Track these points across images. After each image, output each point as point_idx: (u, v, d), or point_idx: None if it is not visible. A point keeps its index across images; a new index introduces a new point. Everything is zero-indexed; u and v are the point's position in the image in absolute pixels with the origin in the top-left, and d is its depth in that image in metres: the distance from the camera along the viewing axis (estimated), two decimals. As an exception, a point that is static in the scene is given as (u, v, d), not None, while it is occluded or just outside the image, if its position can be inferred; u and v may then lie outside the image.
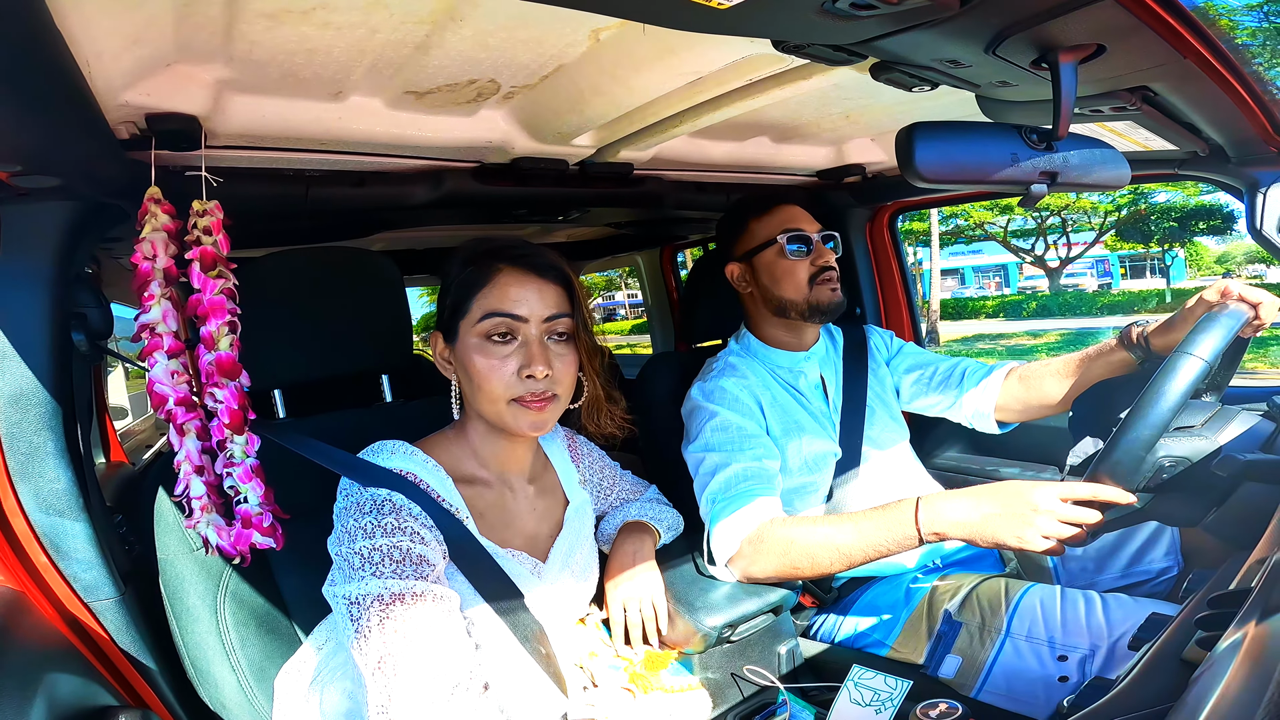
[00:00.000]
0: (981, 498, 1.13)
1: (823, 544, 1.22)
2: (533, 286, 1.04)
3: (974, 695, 1.24)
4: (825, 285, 1.54)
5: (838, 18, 0.66)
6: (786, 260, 1.53)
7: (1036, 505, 1.07)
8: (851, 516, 1.23)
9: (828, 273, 1.54)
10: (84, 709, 0.86)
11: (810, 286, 1.54)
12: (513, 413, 1.04)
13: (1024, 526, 1.07)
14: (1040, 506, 1.06)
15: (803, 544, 1.23)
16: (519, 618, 1.03)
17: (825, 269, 1.54)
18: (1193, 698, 0.61)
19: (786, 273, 1.54)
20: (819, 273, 1.53)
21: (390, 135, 1.17)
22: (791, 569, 1.25)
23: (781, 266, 1.55)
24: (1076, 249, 23.88)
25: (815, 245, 1.54)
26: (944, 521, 1.14)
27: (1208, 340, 1.02)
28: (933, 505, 1.15)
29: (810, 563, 1.23)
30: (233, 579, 1.11)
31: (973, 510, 1.12)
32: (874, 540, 1.18)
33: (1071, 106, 0.78)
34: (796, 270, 1.54)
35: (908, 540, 1.16)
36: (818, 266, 1.53)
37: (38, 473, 0.99)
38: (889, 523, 1.18)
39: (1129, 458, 1.01)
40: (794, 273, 1.54)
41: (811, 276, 1.53)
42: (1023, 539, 1.07)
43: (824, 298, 1.54)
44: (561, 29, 0.91)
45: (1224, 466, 1.04)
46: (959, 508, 1.14)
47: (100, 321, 1.06)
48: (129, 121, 0.96)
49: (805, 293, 1.54)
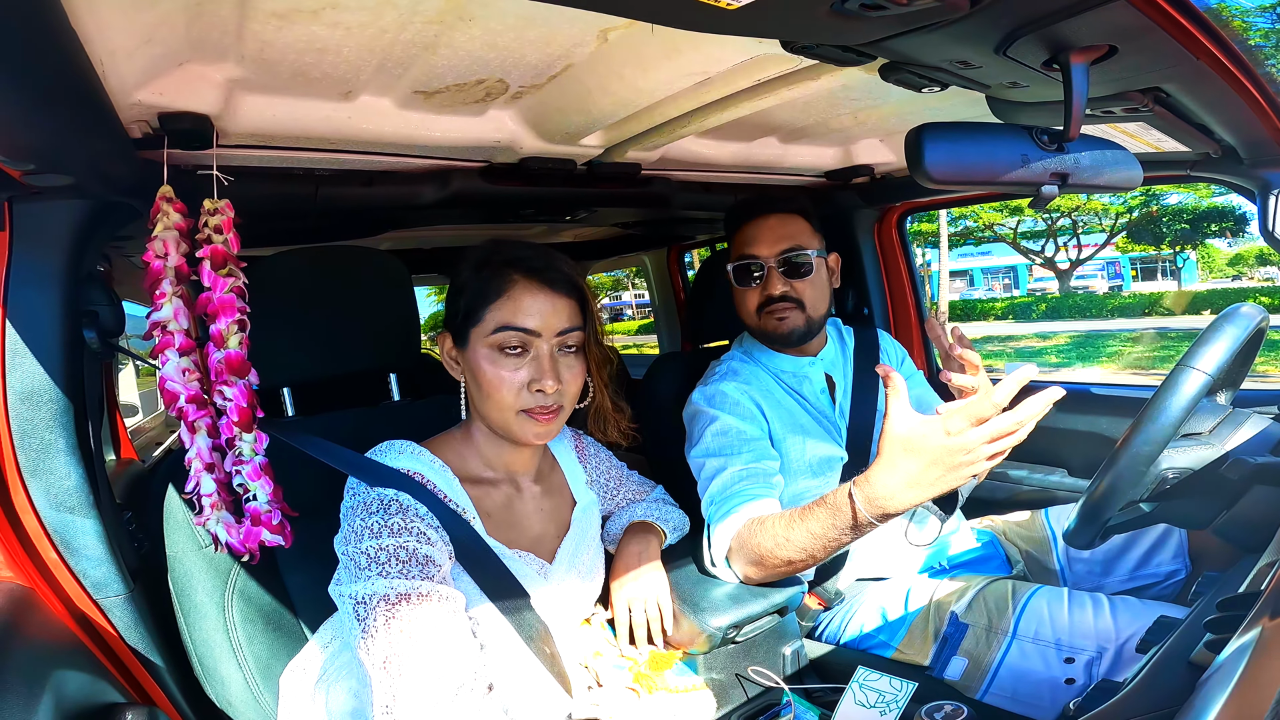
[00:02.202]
0: (902, 462, 1.03)
1: (783, 543, 1.18)
2: (546, 300, 1.04)
3: (979, 697, 1.24)
4: (770, 317, 1.52)
5: (847, 18, 0.66)
6: (737, 287, 1.54)
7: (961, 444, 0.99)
8: (800, 513, 1.18)
9: (775, 305, 1.50)
10: (91, 705, 0.86)
11: (759, 315, 1.53)
12: (520, 423, 1.04)
13: (964, 466, 1.00)
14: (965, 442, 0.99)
15: (769, 545, 1.20)
16: (524, 618, 1.04)
17: (771, 300, 1.50)
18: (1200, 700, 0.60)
19: (739, 299, 1.56)
20: (766, 303, 1.51)
21: (399, 135, 1.18)
22: (770, 569, 1.22)
23: (735, 291, 1.56)
24: (1087, 251, 23.75)
25: (767, 273, 1.50)
26: (881, 501, 1.05)
27: (1210, 353, 1.01)
28: (867, 486, 1.07)
29: (783, 562, 1.20)
30: (240, 576, 1.11)
31: (903, 479, 1.03)
32: (824, 534, 1.13)
33: (1083, 107, 0.77)
34: (746, 299, 1.54)
35: (861, 527, 1.09)
36: (764, 297, 1.51)
37: (48, 469, 0.99)
38: (834, 515, 1.12)
39: (1131, 472, 1.01)
40: (744, 300, 1.55)
41: (759, 306, 1.52)
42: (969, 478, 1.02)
43: (769, 327, 1.53)
44: (570, 29, 0.91)
45: (1234, 470, 1.03)
46: (889, 482, 1.04)
47: (111, 319, 1.07)
48: (141, 120, 0.96)
49: (755, 321, 1.54)
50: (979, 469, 1.01)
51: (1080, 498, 1.06)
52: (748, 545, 1.23)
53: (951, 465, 1.00)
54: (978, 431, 0.98)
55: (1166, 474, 1.06)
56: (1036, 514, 1.67)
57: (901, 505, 1.05)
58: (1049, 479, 1.91)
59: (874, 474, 1.06)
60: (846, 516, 1.09)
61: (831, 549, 1.15)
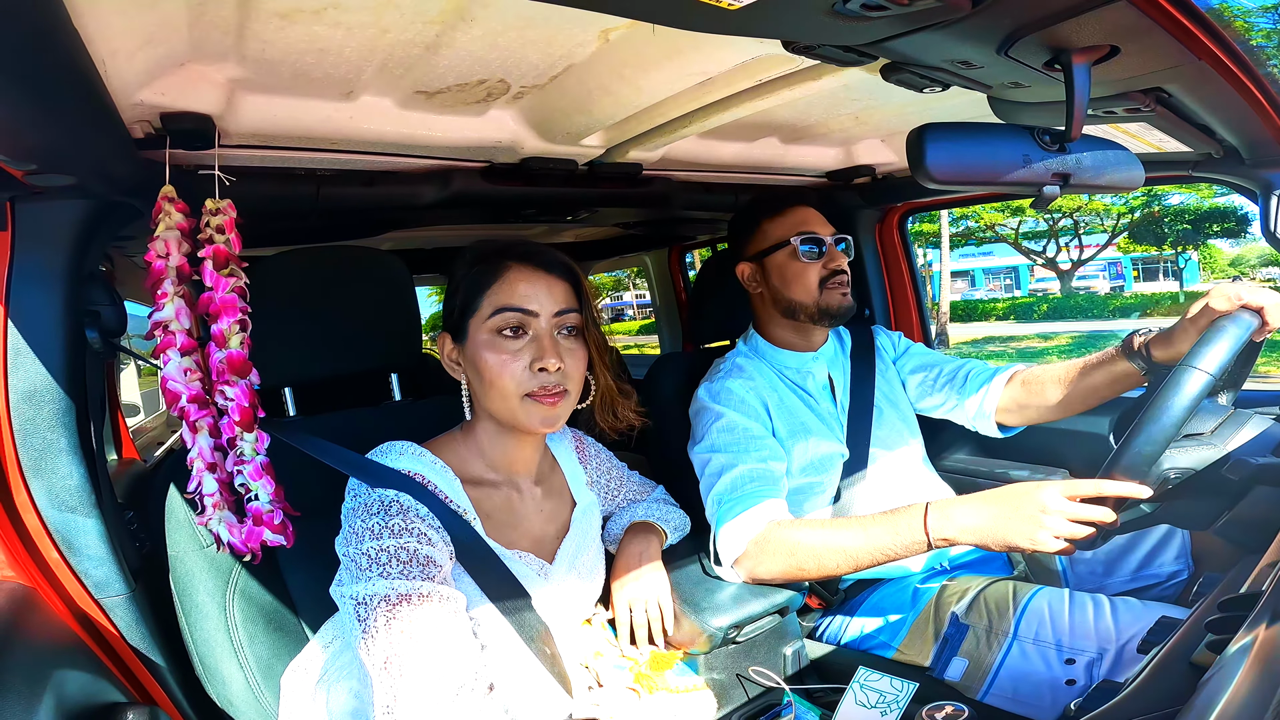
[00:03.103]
0: (990, 502, 1.12)
1: (829, 547, 1.22)
2: (542, 282, 1.05)
3: (980, 698, 1.24)
4: (836, 290, 1.54)
5: (848, 19, 0.66)
6: (798, 262, 1.53)
7: (1045, 505, 1.05)
8: (860, 520, 1.23)
9: (839, 276, 1.53)
10: (93, 705, 0.86)
11: (820, 290, 1.53)
12: (525, 408, 1.04)
13: (1035, 528, 1.06)
14: (1049, 507, 1.05)
15: (809, 546, 1.23)
16: (524, 618, 1.04)
17: (836, 273, 1.53)
18: (1202, 701, 0.60)
19: (797, 275, 1.54)
20: (830, 276, 1.53)
21: (400, 135, 1.18)
22: (798, 570, 1.25)
23: (793, 269, 1.54)
24: (1089, 251, 23.71)
25: (828, 248, 1.53)
26: (954, 527, 1.13)
27: (1213, 353, 1.01)
28: (942, 510, 1.14)
29: (817, 565, 1.23)
30: (242, 576, 1.11)
31: (982, 514, 1.11)
32: (882, 544, 1.18)
33: (1084, 108, 0.77)
34: (808, 273, 1.53)
35: (916, 545, 1.16)
36: (829, 270, 1.53)
37: (50, 469, 0.99)
38: (898, 527, 1.17)
39: (1133, 472, 1.01)
40: (805, 275, 1.54)
41: (822, 280, 1.53)
42: (1035, 540, 1.06)
43: (834, 302, 1.54)
44: (571, 29, 0.91)
45: (1236, 470, 1.03)
46: (968, 513, 1.12)
47: (113, 319, 1.07)
48: (143, 120, 0.96)
49: (815, 296, 1.54)
50: (1044, 539, 1.05)
51: None
52: (778, 547, 1.25)
53: (1025, 517, 1.07)
54: (1065, 502, 1.05)
55: (1169, 474, 1.06)
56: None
57: (966, 538, 1.12)
58: (1050, 479, 1.90)
59: (958, 501, 1.16)
60: (911, 532, 1.16)
61: (877, 559, 1.20)
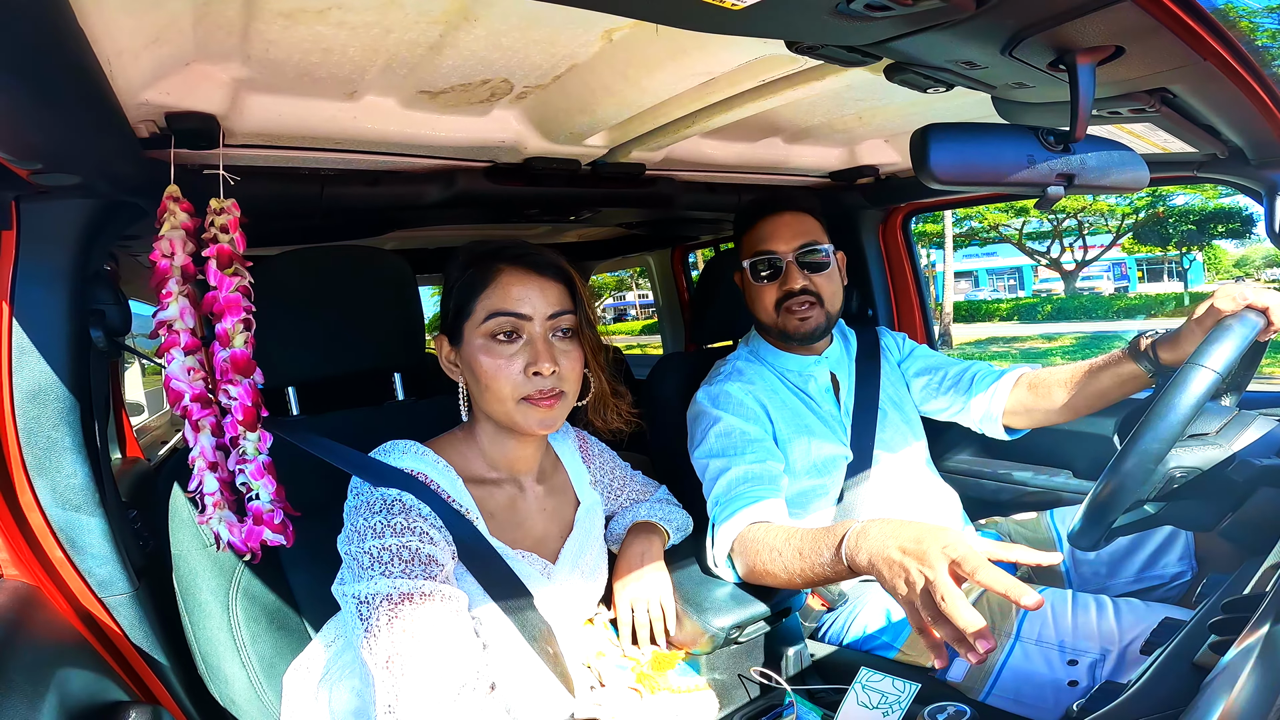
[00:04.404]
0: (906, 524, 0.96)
1: (777, 558, 1.15)
2: (534, 285, 1.05)
3: (982, 699, 1.23)
4: (793, 315, 1.50)
5: (852, 19, 0.65)
6: (755, 284, 1.53)
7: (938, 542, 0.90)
8: (801, 534, 1.13)
9: (799, 298, 1.49)
10: (95, 704, 0.87)
11: (777, 312, 1.51)
12: (522, 412, 1.04)
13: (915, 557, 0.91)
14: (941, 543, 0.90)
15: (766, 555, 1.17)
16: (527, 617, 1.04)
17: (794, 294, 1.49)
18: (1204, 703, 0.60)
19: (755, 297, 1.54)
20: (784, 298, 1.50)
21: (404, 135, 1.18)
22: (768, 575, 1.19)
23: (751, 290, 1.55)
24: (1093, 252, 23.65)
25: (785, 268, 1.49)
26: (860, 544, 0.99)
27: (1219, 351, 1.01)
28: (860, 535, 1.01)
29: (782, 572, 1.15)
30: (245, 575, 1.12)
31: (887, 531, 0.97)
32: (808, 565, 1.09)
33: (1089, 108, 0.77)
34: (764, 295, 1.52)
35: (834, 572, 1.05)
36: (783, 292, 1.50)
37: (54, 468, 1.00)
38: (818, 541, 1.08)
39: (1138, 470, 1.00)
40: (761, 297, 1.52)
41: (778, 302, 1.51)
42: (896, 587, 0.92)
43: (790, 326, 1.51)
44: (574, 29, 0.91)
45: (1240, 471, 1.03)
46: (877, 529, 0.99)
47: (118, 318, 1.07)
48: (148, 120, 0.97)
49: (774, 318, 1.52)
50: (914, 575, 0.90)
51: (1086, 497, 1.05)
52: (748, 548, 1.22)
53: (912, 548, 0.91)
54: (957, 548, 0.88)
55: (1174, 473, 1.06)
56: (1042, 515, 1.67)
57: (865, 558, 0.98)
58: (1054, 480, 1.90)
59: (877, 520, 1.01)
60: (828, 547, 1.05)
61: (809, 578, 1.10)
